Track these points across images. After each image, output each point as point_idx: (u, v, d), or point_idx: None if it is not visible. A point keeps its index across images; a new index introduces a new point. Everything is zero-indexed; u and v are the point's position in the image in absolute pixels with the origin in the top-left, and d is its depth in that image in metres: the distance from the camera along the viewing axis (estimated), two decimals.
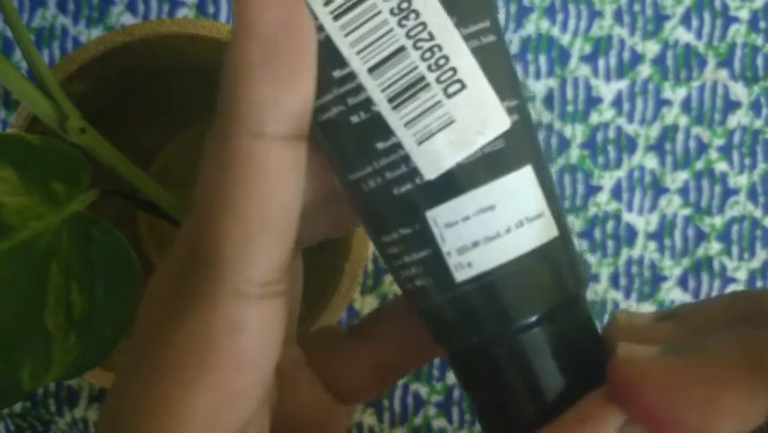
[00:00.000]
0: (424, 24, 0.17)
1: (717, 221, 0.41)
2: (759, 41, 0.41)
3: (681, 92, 0.41)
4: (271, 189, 0.17)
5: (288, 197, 0.17)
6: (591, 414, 0.17)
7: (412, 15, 0.17)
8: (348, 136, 0.18)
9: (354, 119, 0.17)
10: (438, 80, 0.17)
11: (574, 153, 0.41)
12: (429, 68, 0.17)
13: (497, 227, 0.18)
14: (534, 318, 0.18)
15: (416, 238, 0.18)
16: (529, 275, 0.18)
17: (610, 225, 0.41)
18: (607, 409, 0.17)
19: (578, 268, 0.19)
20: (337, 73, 0.17)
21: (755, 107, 0.41)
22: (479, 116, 0.17)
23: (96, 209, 0.27)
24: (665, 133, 0.41)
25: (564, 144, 0.41)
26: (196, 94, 0.36)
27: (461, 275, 0.18)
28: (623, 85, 0.41)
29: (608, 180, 0.41)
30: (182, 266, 0.18)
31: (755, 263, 0.41)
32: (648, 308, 0.41)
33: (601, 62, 0.41)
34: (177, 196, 0.30)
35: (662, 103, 0.41)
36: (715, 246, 0.41)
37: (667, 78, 0.41)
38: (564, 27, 0.41)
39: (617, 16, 0.41)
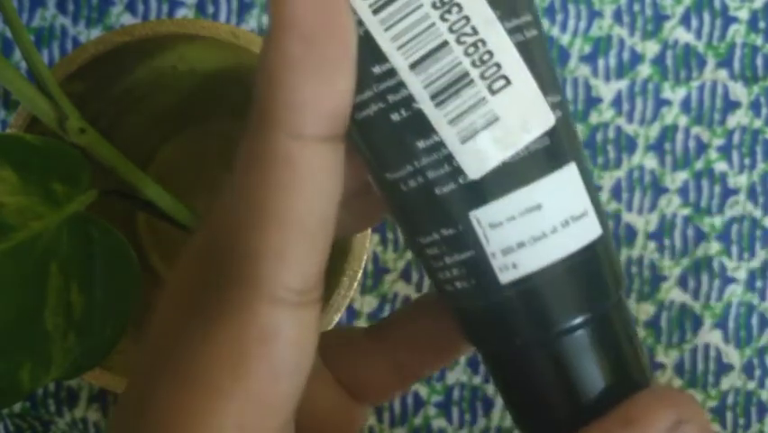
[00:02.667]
0: (467, 18, 0.16)
1: (717, 221, 0.41)
2: (759, 41, 0.41)
3: (681, 92, 0.41)
4: (309, 195, 0.16)
5: (326, 202, 0.16)
6: (637, 417, 0.17)
7: (455, 9, 0.16)
8: (387, 135, 0.17)
9: (395, 117, 0.17)
10: (482, 76, 0.16)
11: None
12: (473, 63, 0.16)
13: (543, 227, 0.17)
14: (579, 320, 0.18)
15: (459, 239, 0.17)
16: (575, 276, 0.17)
17: (610, 225, 0.41)
18: (653, 413, 0.17)
19: (619, 267, 0.19)
20: (377, 69, 0.16)
21: (755, 107, 0.41)
22: (524, 113, 0.17)
23: (96, 209, 0.27)
24: (665, 133, 0.41)
25: None
26: (195, 94, 0.36)
27: (505, 277, 0.17)
28: (622, 85, 0.41)
29: (607, 180, 0.41)
30: (208, 268, 0.17)
31: (755, 263, 0.41)
32: (647, 307, 0.41)
33: (601, 62, 0.41)
34: (176, 196, 0.30)
35: (661, 103, 0.41)
36: (714, 246, 0.41)
37: (667, 78, 0.41)
38: (564, 27, 0.41)
39: (617, 16, 0.41)
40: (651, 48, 0.41)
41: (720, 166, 0.41)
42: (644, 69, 0.41)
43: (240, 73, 0.33)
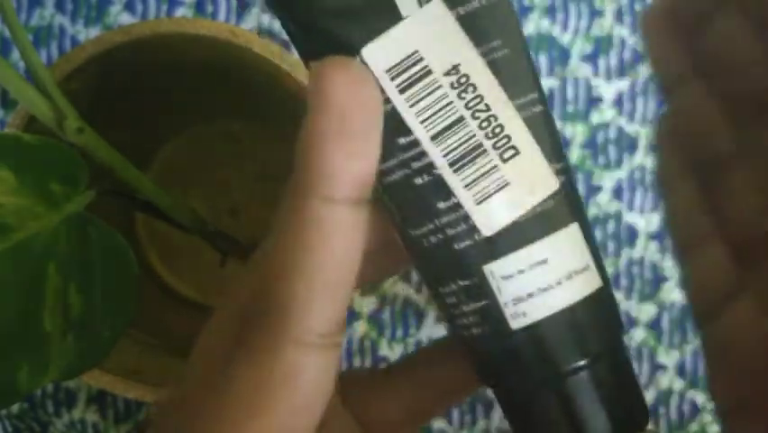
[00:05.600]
0: (481, 97, 0.19)
1: None
2: None
3: None
4: (335, 252, 0.18)
5: (349, 257, 0.18)
6: None
7: (470, 89, 0.19)
8: (411, 196, 0.19)
9: (418, 181, 0.19)
10: (494, 147, 0.19)
11: (575, 153, 0.41)
12: (486, 135, 0.19)
13: (549, 280, 0.19)
14: (582, 363, 0.20)
15: (475, 289, 0.19)
16: (578, 323, 0.19)
17: (611, 226, 0.41)
18: None
19: (618, 314, 0.21)
20: (402, 140, 0.19)
21: None
22: (531, 179, 0.19)
23: (94, 210, 0.27)
24: None
25: (565, 144, 0.41)
26: (194, 94, 0.36)
27: (516, 324, 0.19)
28: (624, 84, 0.41)
29: (608, 181, 0.41)
30: (245, 314, 0.19)
31: None
32: (649, 308, 0.41)
33: (602, 62, 0.41)
34: (175, 196, 0.30)
35: (662, 103, 0.41)
36: None
37: None
38: (565, 27, 0.41)
39: (618, 16, 0.41)
40: None
41: None
42: (646, 69, 0.41)
43: (239, 73, 0.33)
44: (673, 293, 0.41)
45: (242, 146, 0.39)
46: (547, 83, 0.41)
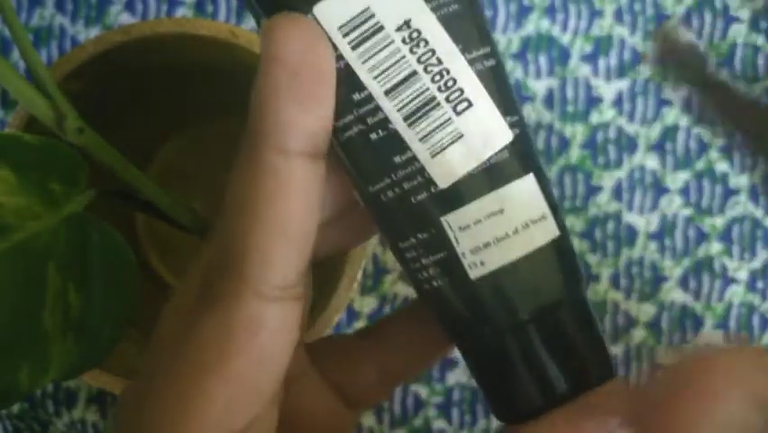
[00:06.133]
0: (432, 51, 0.19)
1: (718, 221, 0.41)
2: (759, 41, 0.41)
3: (682, 92, 0.41)
4: (292, 202, 0.19)
5: (306, 209, 0.19)
6: (598, 407, 0.19)
7: (422, 43, 0.19)
8: (368, 152, 0.19)
9: (373, 136, 0.19)
10: (447, 100, 0.19)
11: (574, 153, 0.41)
12: (439, 89, 0.19)
13: (505, 229, 0.19)
14: (541, 311, 0.20)
15: (433, 242, 0.20)
16: (535, 271, 0.20)
17: (611, 226, 0.41)
18: (613, 404, 0.19)
19: (577, 265, 0.21)
20: (356, 96, 0.19)
21: None
22: (485, 131, 0.19)
23: (94, 210, 0.27)
24: (666, 133, 0.41)
25: (564, 144, 0.41)
26: (194, 94, 0.36)
27: (474, 273, 0.20)
28: (623, 84, 0.41)
29: (608, 181, 0.41)
30: (209, 269, 0.20)
31: (756, 264, 0.41)
32: (648, 308, 0.41)
33: (601, 62, 0.41)
34: (174, 196, 0.30)
35: (662, 103, 0.41)
36: (716, 247, 0.41)
37: (667, 78, 0.41)
38: (564, 27, 0.41)
39: (618, 16, 0.41)
40: (652, 47, 0.41)
41: (721, 166, 0.41)
42: (645, 69, 0.41)
43: (239, 73, 0.33)
44: (673, 293, 0.41)
45: None
46: (547, 83, 0.41)
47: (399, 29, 0.19)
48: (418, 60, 0.19)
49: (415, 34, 0.19)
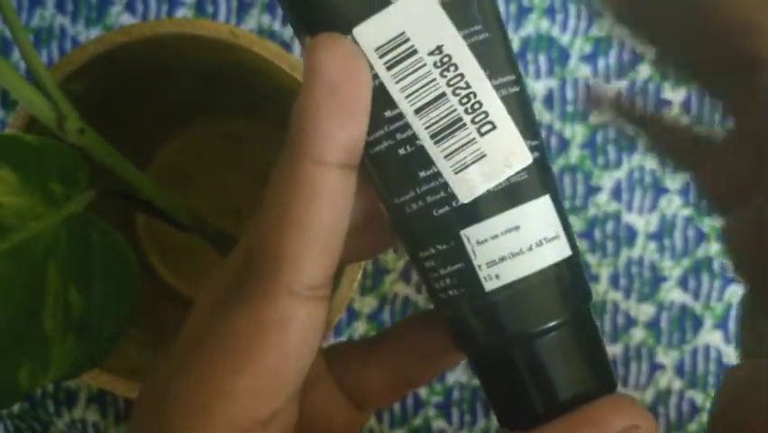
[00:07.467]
0: (461, 75, 0.20)
1: (718, 221, 0.41)
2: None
3: (681, 92, 0.41)
4: (325, 210, 0.20)
5: (338, 217, 0.20)
6: (598, 418, 0.20)
7: (452, 68, 0.20)
8: (395, 166, 0.21)
9: (401, 151, 0.21)
10: (473, 121, 0.20)
11: (574, 153, 0.41)
12: (465, 111, 0.20)
13: (521, 245, 0.21)
14: (550, 325, 0.21)
15: (452, 253, 0.21)
16: (547, 287, 0.21)
17: (610, 226, 0.41)
18: (612, 416, 0.20)
19: (586, 283, 0.22)
20: (388, 113, 0.20)
21: None
22: (506, 152, 0.21)
23: (95, 210, 0.27)
24: None
25: (564, 144, 0.41)
26: (194, 94, 0.36)
27: (489, 285, 0.21)
28: (623, 85, 0.41)
29: (607, 181, 0.41)
30: (239, 270, 0.21)
31: None
32: (648, 308, 0.41)
33: (601, 62, 0.41)
34: (174, 196, 0.30)
35: (662, 103, 0.41)
36: (715, 247, 0.41)
37: (667, 78, 0.41)
38: (564, 27, 0.41)
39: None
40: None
41: None
42: (645, 69, 0.41)
43: (239, 73, 0.33)
44: (672, 293, 0.41)
45: (241, 146, 0.39)
46: (547, 83, 0.41)
47: (432, 53, 0.20)
48: (448, 83, 0.20)
49: (446, 59, 0.20)
